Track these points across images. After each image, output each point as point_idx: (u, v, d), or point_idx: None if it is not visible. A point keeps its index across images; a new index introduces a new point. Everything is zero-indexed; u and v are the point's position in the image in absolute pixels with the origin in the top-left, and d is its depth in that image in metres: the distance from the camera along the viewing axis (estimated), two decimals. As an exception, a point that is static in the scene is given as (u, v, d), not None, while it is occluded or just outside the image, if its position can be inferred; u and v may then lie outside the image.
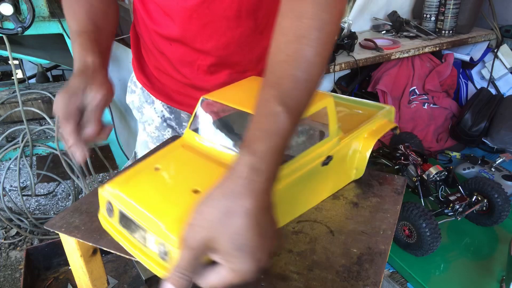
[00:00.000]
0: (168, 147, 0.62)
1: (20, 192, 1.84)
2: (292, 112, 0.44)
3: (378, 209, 0.64)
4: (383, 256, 0.54)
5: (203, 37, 0.76)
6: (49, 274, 1.32)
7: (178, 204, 0.50)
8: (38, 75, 2.08)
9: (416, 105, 1.98)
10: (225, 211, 0.41)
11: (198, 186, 0.52)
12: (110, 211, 0.55)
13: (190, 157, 0.59)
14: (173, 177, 0.56)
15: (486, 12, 2.05)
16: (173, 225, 0.47)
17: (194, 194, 0.51)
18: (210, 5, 0.71)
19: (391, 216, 0.62)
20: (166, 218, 0.48)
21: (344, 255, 0.54)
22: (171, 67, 0.85)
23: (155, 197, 0.52)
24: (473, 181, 1.29)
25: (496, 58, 2.03)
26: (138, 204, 0.51)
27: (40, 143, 1.76)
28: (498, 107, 1.90)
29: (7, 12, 1.37)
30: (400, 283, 1.23)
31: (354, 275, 0.51)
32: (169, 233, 0.46)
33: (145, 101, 0.96)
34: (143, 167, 0.57)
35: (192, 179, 0.54)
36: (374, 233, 0.58)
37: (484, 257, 1.28)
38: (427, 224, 1.13)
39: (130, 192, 0.53)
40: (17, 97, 1.63)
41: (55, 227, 0.61)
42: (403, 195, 0.68)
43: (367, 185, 0.70)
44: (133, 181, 0.55)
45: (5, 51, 1.55)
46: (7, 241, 1.86)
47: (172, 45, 0.80)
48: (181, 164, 0.58)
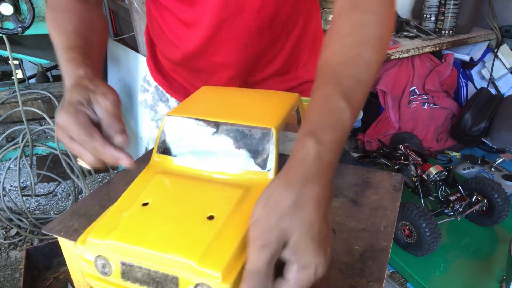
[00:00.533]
0: (141, 179, 0.54)
1: (20, 192, 1.84)
2: (353, 108, 0.46)
3: (378, 207, 0.64)
4: (385, 252, 0.55)
5: (224, 52, 0.76)
6: (49, 274, 1.32)
7: (197, 236, 0.43)
8: (38, 75, 2.08)
9: (416, 105, 1.98)
10: (294, 200, 0.39)
11: (209, 212, 0.46)
12: (104, 267, 0.45)
13: (179, 182, 0.52)
14: (174, 208, 0.48)
15: (486, 12, 2.05)
16: (206, 260, 0.40)
17: (210, 221, 0.45)
18: (233, 22, 0.71)
19: (391, 213, 0.63)
20: (193, 255, 0.40)
21: (347, 253, 0.55)
22: (190, 75, 0.86)
23: (165, 235, 0.43)
24: (473, 181, 1.30)
25: (496, 58, 2.03)
26: (149, 249, 0.42)
27: (40, 143, 1.76)
28: (498, 107, 1.90)
29: (7, 12, 1.37)
30: (400, 283, 1.23)
31: (358, 272, 0.51)
32: (205, 270, 0.40)
33: (159, 99, 0.97)
34: (124, 208, 0.48)
35: (198, 205, 0.48)
36: (375, 230, 0.59)
37: (484, 257, 1.28)
38: (427, 224, 1.13)
39: (128, 238, 0.44)
40: (17, 97, 1.63)
41: (53, 231, 0.60)
42: (401, 192, 0.68)
43: (365, 183, 0.70)
44: (123, 225, 0.45)
45: (5, 51, 1.55)
46: (7, 241, 1.86)
47: (191, 58, 0.80)
48: (174, 192, 0.51)
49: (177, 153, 0.56)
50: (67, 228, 0.60)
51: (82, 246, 0.45)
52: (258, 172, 0.52)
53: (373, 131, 2.00)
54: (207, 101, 0.62)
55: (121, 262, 0.43)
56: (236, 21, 0.71)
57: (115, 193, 0.68)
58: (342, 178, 0.71)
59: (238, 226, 0.44)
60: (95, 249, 0.44)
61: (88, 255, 0.45)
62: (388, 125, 1.99)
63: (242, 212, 0.46)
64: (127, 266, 0.43)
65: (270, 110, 0.57)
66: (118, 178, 0.72)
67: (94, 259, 0.45)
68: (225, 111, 0.57)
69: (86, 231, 0.47)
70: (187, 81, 0.89)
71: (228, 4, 0.69)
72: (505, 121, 1.82)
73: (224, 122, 0.54)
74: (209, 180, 0.52)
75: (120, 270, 0.44)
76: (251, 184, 0.50)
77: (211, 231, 0.43)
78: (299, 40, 0.80)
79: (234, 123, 0.54)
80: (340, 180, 0.71)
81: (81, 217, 0.63)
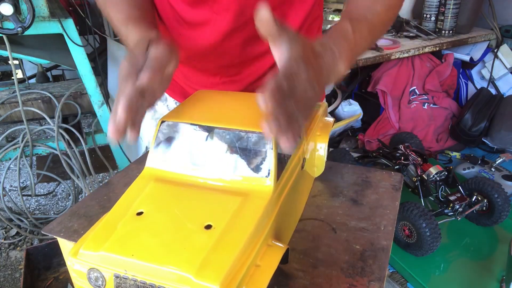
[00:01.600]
0: (135, 186, 0.51)
1: (20, 192, 1.84)
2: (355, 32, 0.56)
3: (378, 206, 0.64)
4: (385, 251, 0.55)
5: (231, 55, 0.76)
6: (49, 274, 1.32)
7: (194, 246, 0.41)
8: (38, 75, 2.09)
9: (416, 105, 1.98)
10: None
11: (207, 221, 0.44)
12: (97, 280, 0.43)
13: (175, 190, 0.50)
14: (169, 217, 0.46)
15: (486, 12, 2.05)
16: (203, 272, 0.38)
17: (207, 230, 0.43)
18: (245, 28, 0.72)
19: (391, 212, 0.63)
20: (190, 267, 0.39)
21: (347, 252, 0.55)
22: (191, 74, 0.86)
23: (161, 246, 0.41)
24: (473, 181, 1.30)
25: (496, 58, 2.04)
26: (144, 261, 0.40)
27: (40, 143, 1.76)
28: (498, 107, 1.90)
29: (7, 12, 1.37)
30: (400, 283, 1.23)
31: (359, 271, 0.51)
32: (202, 283, 0.38)
33: None
34: (117, 218, 0.46)
35: (195, 214, 0.46)
36: (375, 229, 0.59)
37: (484, 257, 1.28)
38: (427, 224, 1.13)
39: (122, 249, 0.41)
40: (17, 97, 1.63)
41: (53, 232, 0.59)
42: (400, 191, 0.68)
43: (365, 182, 0.70)
44: (116, 236, 0.43)
45: (5, 51, 1.55)
46: (7, 241, 1.86)
47: (194, 59, 0.80)
48: (169, 201, 0.48)
49: (171, 159, 0.54)
50: (67, 228, 0.60)
51: (73, 258, 0.43)
52: (256, 178, 0.50)
53: (373, 131, 2.00)
54: (202, 106, 0.60)
55: (114, 274, 0.41)
56: (247, 28, 0.72)
57: (114, 194, 0.68)
58: (342, 177, 0.72)
59: (237, 235, 0.42)
60: (87, 261, 0.42)
61: (80, 267, 0.43)
62: (388, 125, 1.99)
63: (240, 220, 0.44)
64: (121, 279, 0.41)
65: None
66: (117, 179, 0.72)
67: (87, 271, 0.43)
68: (221, 115, 0.56)
69: (79, 242, 0.45)
70: (186, 81, 0.88)
71: (244, 12, 0.69)
72: (505, 121, 1.82)
73: (220, 127, 0.52)
74: (206, 187, 0.50)
75: (113, 283, 0.42)
76: (249, 191, 0.49)
77: (209, 241, 0.41)
78: None
79: (231, 128, 0.52)
80: (340, 180, 0.71)
81: (80, 217, 0.63)
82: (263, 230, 0.45)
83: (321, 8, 0.84)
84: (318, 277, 0.51)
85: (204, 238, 0.42)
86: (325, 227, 0.60)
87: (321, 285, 0.50)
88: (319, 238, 0.58)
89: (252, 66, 0.80)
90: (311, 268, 0.52)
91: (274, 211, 0.49)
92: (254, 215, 0.45)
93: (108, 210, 0.50)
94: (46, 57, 1.80)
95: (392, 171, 0.78)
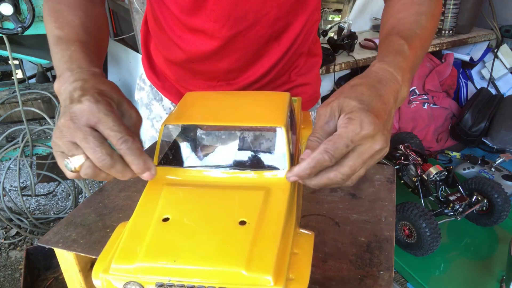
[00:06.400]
0: (149, 193, 0.50)
1: (20, 192, 1.84)
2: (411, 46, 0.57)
3: (376, 198, 0.66)
4: (390, 241, 0.56)
5: (231, 59, 0.77)
6: (49, 274, 1.32)
7: (235, 242, 0.41)
8: (38, 75, 2.08)
9: (416, 105, 1.98)
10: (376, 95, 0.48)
11: (239, 217, 0.44)
12: None
13: (194, 192, 0.49)
14: (199, 219, 0.45)
15: (486, 12, 2.05)
16: (253, 265, 0.39)
17: (242, 226, 0.43)
18: (247, 34, 0.73)
19: (389, 204, 0.65)
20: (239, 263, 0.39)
21: (354, 244, 0.56)
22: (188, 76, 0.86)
23: (201, 247, 0.41)
24: (473, 181, 1.30)
25: (496, 58, 2.04)
26: (188, 265, 0.39)
27: (40, 143, 1.76)
28: (498, 107, 1.90)
29: (7, 12, 1.37)
30: (400, 283, 1.23)
31: (367, 262, 0.53)
32: (255, 275, 0.38)
33: (153, 98, 0.97)
34: (143, 227, 0.45)
35: (224, 213, 0.45)
36: (376, 221, 0.61)
37: (484, 257, 1.28)
38: (427, 224, 1.13)
39: (161, 256, 0.40)
40: (17, 97, 1.64)
41: (50, 243, 0.58)
42: (395, 183, 0.71)
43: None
44: (149, 245, 0.42)
45: (5, 51, 1.55)
46: (7, 241, 1.86)
47: (194, 61, 0.80)
48: (192, 203, 0.48)
49: (182, 162, 0.53)
50: (65, 239, 0.59)
51: (106, 275, 0.41)
52: (272, 171, 0.50)
53: (373, 131, 2.00)
54: (201, 106, 0.59)
55: (157, 284, 0.40)
56: (250, 33, 0.73)
57: (110, 200, 0.67)
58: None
59: (272, 227, 0.43)
60: (123, 275, 0.40)
61: (115, 283, 0.41)
62: (388, 125, 1.99)
63: (270, 212, 0.45)
64: (165, 287, 0.40)
65: (270, 109, 0.56)
66: (110, 185, 0.71)
67: (123, 285, 0.41)
68: (226, 114, 0.56)
69: (101, 257, 0.43)
70: (182, 82, 0.88)
71: (246, 17, 0.70)
72: (505, 121, 1.82)
73: (230, 125, 0.52)
74: (225, 186, 0.50)
75: None
76: (268, 184, 0.49)
77: (248, 236, 0.41)
78: (299, 46, 0.81)
79: (241, 125, 0.52)
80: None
81: (78, 226, 0.61)
82: (292, 220, 0.46)
83: (319, 12, 0.84)
84: (329, 270, 0.52)
85: (242, 233, 0.42)
86: (328, 222, 0.61)
87: (333, 278, 0.51)
88: (324, 233, 0.59)
89: (249, 70, 0.80)
90: (321, 263, 0.53)
91: (294, 202, 0.49)
92: (281, 206, 0.45)
93: (105, 218, 0.49)
94: (46, 57, 1.80)
95: (384, 164, 0.80)
